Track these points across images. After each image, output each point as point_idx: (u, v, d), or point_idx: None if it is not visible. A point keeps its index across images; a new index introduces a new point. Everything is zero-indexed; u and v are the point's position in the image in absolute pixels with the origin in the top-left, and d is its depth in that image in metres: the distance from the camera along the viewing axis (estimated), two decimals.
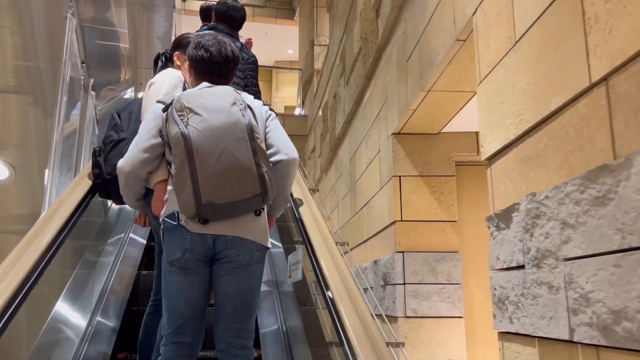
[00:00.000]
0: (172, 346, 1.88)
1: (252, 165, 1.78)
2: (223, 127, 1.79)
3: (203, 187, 1.75)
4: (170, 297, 1.90)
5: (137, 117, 2.41)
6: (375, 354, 1.72)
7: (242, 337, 1.92)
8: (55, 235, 2.12)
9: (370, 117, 5.14)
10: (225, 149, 1.77)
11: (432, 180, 4.14)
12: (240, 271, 1.89)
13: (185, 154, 1.75)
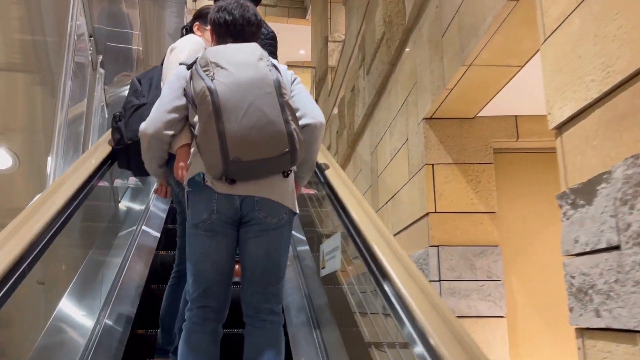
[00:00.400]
0: (198, 310, 1.83)
1: (280, 122, 1.73)
2: (250, 82, 1.74)
3: (230, 143, 1.69)
4: (196, 260, 1.85)
5: (158, 84, 2.37)
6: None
7: (270, 302, 1.86)
8: (74, 195, 1.95)
9: (396, 105, 4.82)
10: (252, 103, 1.71)
11: (468, 169, 3.81)
12: (268, 234, 1.84)
13: (211, 108, 1.70)
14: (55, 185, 1.97)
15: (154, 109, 1.96)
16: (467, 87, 3.37)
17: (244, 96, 1.72)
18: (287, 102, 1.77)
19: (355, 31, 7.28)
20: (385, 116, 5.23)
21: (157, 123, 1.92)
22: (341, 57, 8.81)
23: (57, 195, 1.88)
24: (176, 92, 1.94)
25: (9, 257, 1.41)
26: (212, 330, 1.85)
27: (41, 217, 1.68)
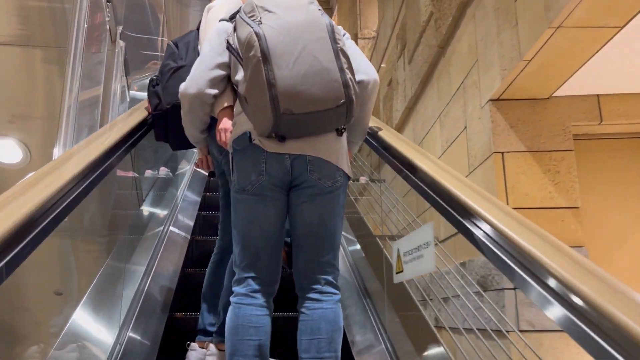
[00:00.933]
0: (247, 281, 1.70)
1: (335, 69, 1.59)
2: (301, 25, 1.60)
3: (281, 92, 1.55)
4: (243, 227, 1.72)
5: (195, 47, 2.27)
6: None
7: (326, 272, 1.73)
8: (113, 146, 1.78)
9: (448, 91, 4.29)
10: (304, 49, 1.57)
11: (545, 157, 3.26)
12: (322, 198, 1.72)
13: (259, 54, 1.55)
14: (86, 142, 1.75)
15: (195, 67, 1.83)
16: (550, 57, 2.83)
17: (295, 41, 1.57)
18: (342, 49, 1.63)
19: (392, 20, 6.78)
20: (434, 105, 4.71)
21: (199, 81, 1.79)
22: (374, 52, 8.31)
23: (91, 147, 1.68)
24: (218, 48, 1.82)
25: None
26: (262, 303, 1.70)
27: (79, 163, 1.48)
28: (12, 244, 1.05)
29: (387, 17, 7.12)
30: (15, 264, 1.05)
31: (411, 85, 5.44)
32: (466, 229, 1.52)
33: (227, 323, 1.70)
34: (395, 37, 6.40)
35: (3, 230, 1.03)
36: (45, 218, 1.23)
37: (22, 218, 1.10)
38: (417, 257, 1.78)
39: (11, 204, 1.14)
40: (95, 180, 1.60)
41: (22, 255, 1.08)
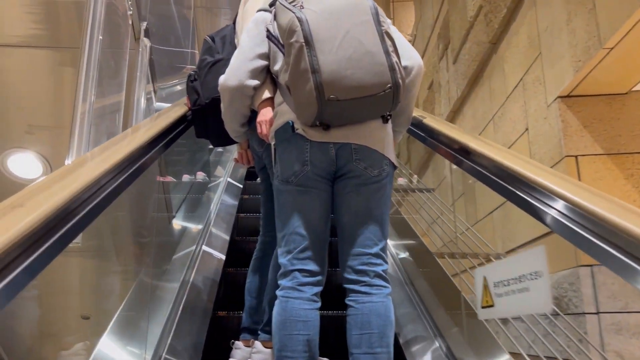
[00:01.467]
0: (293, 274, 1.65)
1: (380, 52, 1.53)
2: (344, 9, 1.56)
3: (326, 78, 1.50)
4: (288, 219, 1.68)
5: (232, 40, 2.24)
6: None
7: (375, 265, 1.65)
8: (158, 135, 1.79)
9: (503, 90, 3.89)
10: (348, 33, 1.53)
11: (627, 160, 2.83)
12: (369, 188, 1.66)
13: (302, 39, 1.51)
14: (123, 135, 1.71)
15: (234, 59, 1.80)
16: (636, 44, 2.42)
17: (338, 24, 1.53)
18: (387, 32, 1.58)
19: (431, 20, 6.41)
20: (485, 107, 4.31)
21: (240, 73, 1.75)
22: None
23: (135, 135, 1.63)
24: (256, 38, 1.79)
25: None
26: (310, 296, 1.64)
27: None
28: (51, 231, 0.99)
29: (426, 18, 6.76)
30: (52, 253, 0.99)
31: (456, 86, 5.05)
32: (537, 209, 1.45)
33: (274, 317, 1.64)
34: (436, 38, 6.03)
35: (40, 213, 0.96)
36: (82, 209, 1.15)
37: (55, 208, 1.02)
38: (518, 291, 1.40)
39: (45, 191, 1.07)
40: (135, 172, 1.53)
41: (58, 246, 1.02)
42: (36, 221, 0.95)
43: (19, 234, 0.89)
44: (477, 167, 1.94)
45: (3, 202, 0.99)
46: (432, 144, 2.46)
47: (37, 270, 0.94)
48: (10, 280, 0.85)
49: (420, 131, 2.54)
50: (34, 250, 0.95)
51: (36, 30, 2.36)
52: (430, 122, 2.39)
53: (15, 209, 0.96)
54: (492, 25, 3.97)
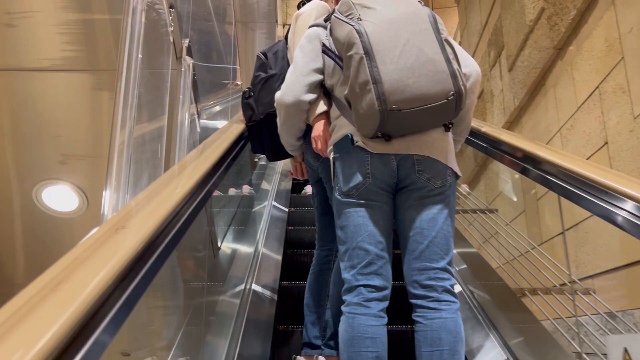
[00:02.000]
0: (358, 290, 1.61)
1: (441, 60, 1.52)
2: (402, 18, 1.55)
3: (388, 88, 1.48)
4: (350, 233, 1.65)
5: (284, 55, 2.27)
6: None
7: (442, 280, 1.60)
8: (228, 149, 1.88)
9: (572, 100, 3.54)
10: (408, 41, 1.52)
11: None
12: (432, 199, 1.62)
13: (362, 51, 1.51)
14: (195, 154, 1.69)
15: (289, 75, 1.82)
16: None
17: (398, 34, 1.53)
18: (446, 39, 1.58)
19: (479, 26, 6.07)
20: (550, 118, 3.95)
21: (295, 88, 1.78)
22: None
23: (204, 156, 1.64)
24: (311, 53, 1.81)
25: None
26: (377, 312, 1.61)
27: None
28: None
29: (472, 24, 6.42)
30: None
31: (513, 95, 4.70)
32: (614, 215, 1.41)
33: (341, 334, 1.63)
34: (486, 44, 5.68)
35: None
36: (175, 225, 1.12)
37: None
38: None
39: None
40: (213, 185, 1.54)
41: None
42: (140, 243, 0.93)
43: (127, 258, 0.86)
44: (545, 175, 1.94)
45: (103, 225, 0.96)
46: (494, 152, 2.42)
47: (143, 291, 0.91)
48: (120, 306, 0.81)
49: (480, 140, 2.50)
50: (138, 271, 0.91)
51: (70, 52, 2.16)
52: (490, 132, 2.35)
53: (119, 232, 0.94)
54: (558, 29, 3.63)
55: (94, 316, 0.72)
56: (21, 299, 0.67)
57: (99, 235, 0.91)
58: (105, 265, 0.80)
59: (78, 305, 0.68)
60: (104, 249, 0.87)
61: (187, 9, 2.47)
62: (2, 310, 0.64)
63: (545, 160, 1.96)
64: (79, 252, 0.83)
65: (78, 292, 0.71)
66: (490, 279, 2.79)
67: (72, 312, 0.67)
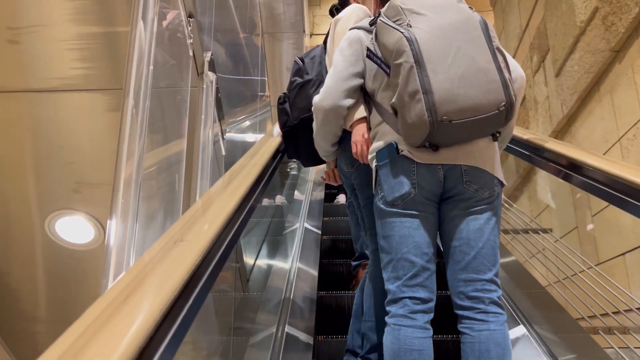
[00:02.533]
0: (404, 301, 1.58)
1: (493, 69, 1.48)
2: (453, 26, 1.51)
3: (438, 98, 1.44)
4: (394, 244, 1.62)
5: (322, 60, 2.22)
6: None
7: (489, 291, 1.57)
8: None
9: (633, 107, 3.20)
10: (459, 50, 1.48)
11: None
12: (480, 209, 1.59)
13: (412, 60, 1.47)
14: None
15: (328, 79, 1.80)
16: None
17: (449, 42, 1.48)
18: (498, 47, 1.54)
19: (518, 29, 5.74)
20: (606, 126, 3.60)
21: (334, 92, 1.76)
22: None
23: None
24: (351, 57, 1.77)
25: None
26: (423, 324, 1.58)
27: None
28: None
29: (511, 27, 6.09)
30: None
31: (561, 102, 4.36)
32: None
33: (386, 346, 1.61)
34: (528, 48, 5.35)
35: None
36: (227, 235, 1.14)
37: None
38: None
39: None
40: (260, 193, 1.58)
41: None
42: (199, 256, 0.94)
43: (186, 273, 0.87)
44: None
45: (163, 237, 0.97)
46: (538, 160, 2.32)
47: (202, 302, 0.93)
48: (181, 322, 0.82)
49: (523, 148, 2.42)
50: (196, 283, 0.92)
51: (82, 69, 1.95)
52: (534, 139, 2.27)
53: (177, 244, 0.95)
54: (615, 30, 3.30)
55: (159, 328, 0.73)
56: (93, 312, 0.69)
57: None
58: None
59: (145, 318, 0.70)
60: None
61: (208, 21, 2.25)
62: (72, 329, 0.65)
63: (599, 169, 1.87)
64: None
65: (145, 304, 0.74)
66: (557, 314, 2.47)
67: (142, 321, 0.69)
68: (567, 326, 2.24)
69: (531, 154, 2.45)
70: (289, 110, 2.20)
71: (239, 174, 1.62)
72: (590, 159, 1.99)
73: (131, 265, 1.07)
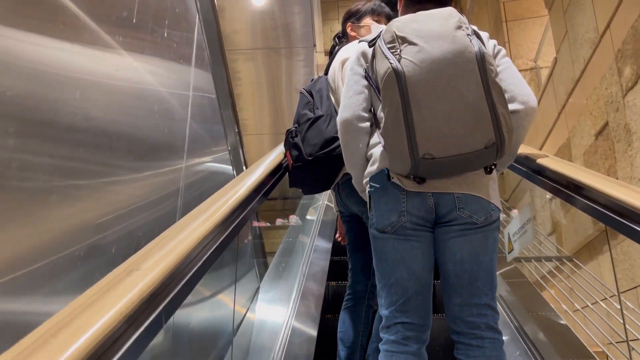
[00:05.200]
0: (397, 327, 1.58)
1: (483, 106, 1.42)
2: (446, 57, 1.43)
3: (420, 135, 1.43)
4: (387, 269, 1.60)
5: (328, 95, 2.19)
6: None
7: (486, 316, 1.55)
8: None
9: None
10: (448, 84, 1.42)
11: None
12: (474, 233, 1.55)
13: (398, 94, 1.43)
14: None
15: (343, 97, 1.72)
16: None
17: (439, 76, 1.42)
18: (493, 80, 1.43)
19: (593, 34, 4.31)
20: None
21: (352, 105, 1.67)
22: (546, 87, 5.82)
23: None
24: (360, 71, 1.70)
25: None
26: (415, 351, 1.57)
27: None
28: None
29: (579, 31, 4.66)
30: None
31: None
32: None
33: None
34: (612, 58, 3.91)
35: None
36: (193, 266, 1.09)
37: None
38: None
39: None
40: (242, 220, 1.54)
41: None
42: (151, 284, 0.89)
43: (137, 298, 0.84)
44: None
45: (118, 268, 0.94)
46: (541, 181, 1.98)
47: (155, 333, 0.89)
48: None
49: (524, 167, 2.10)
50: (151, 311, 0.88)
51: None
52: (546, 163, 1.90)
53: (132, 273, 0.92)
54: None
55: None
56: (18, 347, 0.67)
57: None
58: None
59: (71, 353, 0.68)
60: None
61: None
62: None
63: None
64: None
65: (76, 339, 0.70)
66: None
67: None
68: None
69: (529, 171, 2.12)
70: (301, 145, 2.11)
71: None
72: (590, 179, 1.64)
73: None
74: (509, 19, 7.91)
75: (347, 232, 2.31)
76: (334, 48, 2.38)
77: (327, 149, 1.97)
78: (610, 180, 1.61)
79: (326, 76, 2.26)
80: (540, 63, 7.22)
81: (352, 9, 2.35)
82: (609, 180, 1.60)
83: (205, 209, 1.36)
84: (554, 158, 2.01)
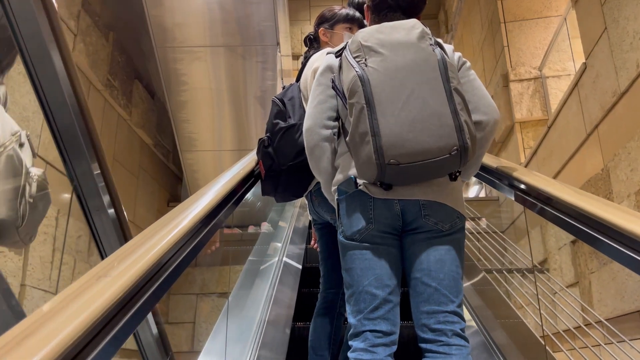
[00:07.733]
0: (365, 335, 1.56)
1: (447, 113, 1.45)
2: (409, 66, 1.48)
3: (386, 142, 1.44)
4: (356, 277, 1.60)
5: (301, 103, 2.21)
6: None
7: (452, 323, 1.53)
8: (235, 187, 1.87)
9: None
10: (412, 92, 1.45)
11: None
12: (440, 241, 1.58)
13: (363, 101, 1.47)
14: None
15: (309, 106, 1.76)
16: None
17: (403, 83, 1.46)
18: (456, 89, 1.48)
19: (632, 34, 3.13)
20: None
21: (315, 114, 1.71)
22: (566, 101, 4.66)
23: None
24: (326, 82, 1.72)
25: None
26: (383, 357, 1.54)
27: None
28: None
29: (628, 30, 3.47)
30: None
31: None
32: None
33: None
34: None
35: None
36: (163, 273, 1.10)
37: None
38: None
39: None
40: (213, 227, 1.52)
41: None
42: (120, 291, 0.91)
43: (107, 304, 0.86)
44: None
45: (88, 272, 0.96)
46: (517, 195, 1.93)
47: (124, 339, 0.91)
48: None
49: (495, 177, 2.11)
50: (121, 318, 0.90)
51: None
52: (519, 175, 1.90)
53: (101, 279, 0.94)
54: None
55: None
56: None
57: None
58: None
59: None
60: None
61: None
62: None
63: None
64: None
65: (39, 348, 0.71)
66: None
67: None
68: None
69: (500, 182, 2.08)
70: (274, 154, 2.10)
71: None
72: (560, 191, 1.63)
73: None
74: (507, 19, 6.79)
75: (319, 240, 2.32)
76: (308, 52, 2.39)
77: (300, 158, 1.94)
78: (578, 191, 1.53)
79: (298, 83, 2.26)
80: (547, 72, 6.10)
81: (326, 13, 2.34)
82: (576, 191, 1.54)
83: (176, 215, 1.33)
84: (523, 168, 1.96)
